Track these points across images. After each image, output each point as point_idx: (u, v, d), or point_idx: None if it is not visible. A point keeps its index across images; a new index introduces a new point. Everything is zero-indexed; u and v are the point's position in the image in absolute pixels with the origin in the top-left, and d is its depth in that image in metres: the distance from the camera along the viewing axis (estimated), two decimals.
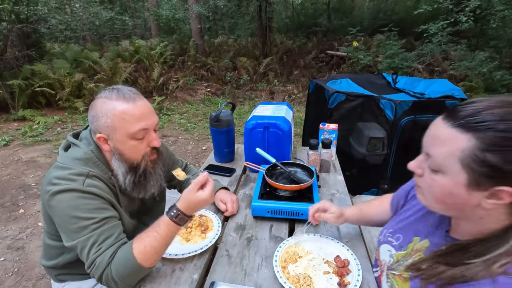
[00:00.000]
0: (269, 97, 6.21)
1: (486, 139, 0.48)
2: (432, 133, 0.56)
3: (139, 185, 0.95)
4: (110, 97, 0.86)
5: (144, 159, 0.92)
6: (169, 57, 7.27)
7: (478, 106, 0.51)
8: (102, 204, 0.86)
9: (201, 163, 3.34)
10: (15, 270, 2.02)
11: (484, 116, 0.49)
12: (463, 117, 0.51)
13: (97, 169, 0.89)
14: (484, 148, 0.49)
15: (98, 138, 0.88)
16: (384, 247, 0.81)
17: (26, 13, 5.27)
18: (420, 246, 0.70)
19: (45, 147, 4.01)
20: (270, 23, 7.87)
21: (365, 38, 7.55)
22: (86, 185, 0.84)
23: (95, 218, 0.83)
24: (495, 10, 4.58)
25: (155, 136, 0.91)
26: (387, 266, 0.79)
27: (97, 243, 0.82)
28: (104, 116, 0.85)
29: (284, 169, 1.27)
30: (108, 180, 0.92)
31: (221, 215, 1.18)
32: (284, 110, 1.56)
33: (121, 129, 0.85)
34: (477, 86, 4.64)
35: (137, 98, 0.88)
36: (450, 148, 0.52)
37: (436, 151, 0.55)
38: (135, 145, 0.88)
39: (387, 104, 2.22)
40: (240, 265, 0.93)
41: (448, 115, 0.54)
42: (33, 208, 2.70)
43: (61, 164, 0.88)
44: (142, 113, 0.87)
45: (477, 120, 0.50)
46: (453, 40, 5.52)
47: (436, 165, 0.55)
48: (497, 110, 0.49)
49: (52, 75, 5.18)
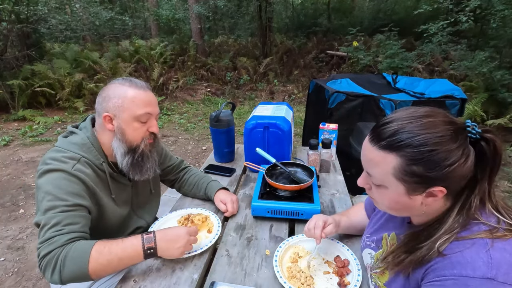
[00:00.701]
0: (269, 97, 6.21)
1: (408, 156, 0.57)
2: (366, 156, 0.64)
3: (136, 166, 1.01)
4: (124, 83, 0.97)
5: (143, 141, 1.00)
6: (169, 57, 7.27)
7: (393, 126, 0.59)
8: (82, 191, 0.90)
9: (201, 163, 3.34)
10: (15, 270, 2.02)
11: (400, 135, 0.57)
12: (385, 138, 0.59)
13: (90, 154, 0.96)
14: (409, 163, 0.57)
15: (104, 117, 0.95)
16: (365, 252, 0.85)
17: (26, 13, 5.27)
18: (392, 240, 0.75)
19: (45, 147, 4.01)
20: (270, 23, 7.86)
21: (365, 38, 7.54)
22: (75, 169, 0.90)
23: (68, 201, 0.86)
24: (495, 10, 4.57)
25: (155, 123, 1.02)
26: (369, 267, 0.82)
27: (60, 224, 0.83)
28: (115, 97, 0.95)
29: (284, 169, 1.27)
30: (99, 166, 0.98)
31: (221, 215, 1.18)
32: (284, 110, 1.55)
33: (129, 110, 0.95)
34: (477, 86, 4.63)
35: (147, 89, 1.00)
36: (383, 168, 0.60)
37: (374, 171, 0.63)
38: (138, 127, 0.97)
39: (387, 104, 2.22)
40: (240, 265, 0.93)
41: (372, 138, 0.62)
42: (33, 208, 2.70)
43: (58, 147, 0.95)
44: (150, 100, 0.99)
45: (396, 140, 0.57)
46: (453, 40, 5.51)
47: (377, 182, 0.64)
48: (409, 127, 0.57)
49: (52, 75, 5.18)
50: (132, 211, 1.13)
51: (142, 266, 0.92)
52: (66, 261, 0.79)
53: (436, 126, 0.56)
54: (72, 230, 0.84)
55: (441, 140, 0.55)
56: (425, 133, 0.56)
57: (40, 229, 0.83)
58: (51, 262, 0.79)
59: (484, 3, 4.80)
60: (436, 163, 0.55)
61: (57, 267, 0.79)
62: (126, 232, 1.11)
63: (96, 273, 0.82)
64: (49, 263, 0.80)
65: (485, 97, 4.31)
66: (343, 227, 1.00)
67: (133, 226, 1.13)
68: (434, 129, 0.56)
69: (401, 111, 0.62)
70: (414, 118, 0.58)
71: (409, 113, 0.59)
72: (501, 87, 4.22)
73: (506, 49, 4.84)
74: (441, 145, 0.55)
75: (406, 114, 0.59)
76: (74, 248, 0.81)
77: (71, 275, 0.80)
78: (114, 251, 0.83)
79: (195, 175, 1.33)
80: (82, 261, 0.80)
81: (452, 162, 0.55)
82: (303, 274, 0.86)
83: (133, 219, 1.14)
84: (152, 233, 0.88)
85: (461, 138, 0.56)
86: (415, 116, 0.58)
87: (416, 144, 0.56)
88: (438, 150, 0.55)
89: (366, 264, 0.85)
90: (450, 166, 0.55)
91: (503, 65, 4.46)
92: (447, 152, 0.55)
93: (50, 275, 0.79)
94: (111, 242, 0.85)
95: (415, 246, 0.63)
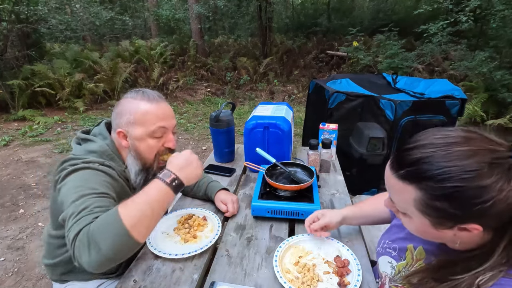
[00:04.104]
0: (269, 97, 6.21)
1: (429, 190, 0.50)
2: (387, 182, 0.58)
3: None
4: (136, 97, 0.93)
5: (157, 158, 0.96)
6: (169, 57, 7.27)
7: (416, 154, 0.51)
8: (109, 183, 0.86)
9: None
10: (15, 270, 2.02)
11: (422, 166, 0.50)
12: (405, 167, 0.52)
13: (111, 161, 0.93)
14: (431, 198, 0.50)
15: (118, 133, 0.93)
16: (383, 259, 0.81)
17: (26, 13, 5.27)
18: (419, 255, 0.69)
19: (45, 147, 4.01)
20: (270, 23, 7.86)
21: (365, 38, 7.55)
22: (102, 166, 0.87)
23: (98, 189, 0.80)
24: (495, 10, 4.58)
25: (172, 137, 0.97)
26: (388, 278, 0.78)
27: (89, 207, 0.74)
28: (127, 114, 0.91)
29: (284, 169, 1.27)
30: (122, 173, 0.95)
31: (221, 215, 1.18)
32: (284, 110, 1.56)
33: (142, 127, 0.91)
34: (477, 86, 4.63)
35: (160, 100, 0.95)
36: (404, 197, 0.54)
37: (395, 198, 0.58)
38: (152, 144, 0.93)
39: (387, 104, 2.22)
40: (240, 265, 0.93)
41: (393, 164, 0.55)
42: (33, 208, 2.70)
43: (74, 155, 0.90)
44: (163, 113, 0.93)
45: (416, 171, 0.51)
46: (453, 40, 5.52)
47: (401, 210, 0.58)
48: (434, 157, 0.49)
49: (52, 75, 5.18)
50: None
51: (142, 266, 0.92)
52: (99, 232, 0.67)
53: (468, 157, 0.47)
54: (101, 210, 0.74)
55: (469, 175, 0.46)
56: (450, 166, 0.47)
57: (68, 217, 0.73)
58: (83, 241, 0.67)
59: (484, 3, 4.80)
60: (464, 201, 0.47)
61: (91, 243, 0.66)
62: None
63: (136, 229, 0.68)
64: (81, 244, 0.67)
65: (485, 97, 4.32)
66: (350, 220, 0.98)
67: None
68: (464, 161, 0.47)
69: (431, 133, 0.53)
70: (442, 145, 0.50)
71: (438, 138, 0.51)
72: (501, 87, 4.22)
73: (506, 49, 4.85)
74: (470, 182, 0.46)
75: (434, 139, 0.51)
76: (100, 218, 0.70)
77: (111, 243, 0.66)
78: (139, 200, 0.73)
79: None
80: (115, 220, 0.68)
81: (486, 200, 0.46)
82: (308, 274, 0.86)
83: None
84: (164, 169, 0.81)
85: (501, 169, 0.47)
86: (443, 143, 0.50)
87: (438, 179, 0.48)
88: (465, 187, 0.46)
89: (383, 272, 0.80)
90: (484, 203, 0.46)
91: (503, 65, 4.46)
92: (478, 189, 0.46)
93: (88, 256, 0.66)
94: (131, 197, 0.74)
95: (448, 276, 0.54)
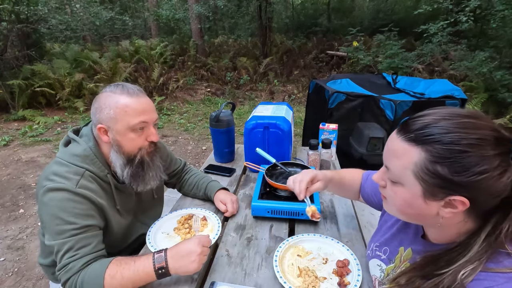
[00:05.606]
0: (269, 97, 6.21)
1: (434, 152, 0.51)
2: (389, 147, 0.59)
3: (137, 177, 0.96)
4: (115, 91, 0.91)
5: (141, 151, 0.95)
6: (169, 57, 7.27)
7: (426, 119, 0.53)
8: (88, 210, 0.88)
9: (201, 163, 3.34)
10: (15, 270, 2.02)
11: (431, 129, 0.51)
12: (413, 130, 0.53)
13: (94, 166, 0.92)
14: (434, 160, 0.51)
15: (98, 129, 0.91)
16: (373, 262, 0.81)
17: (26, 13, 5.27)
18: (406, 256, 0.70)
19: (45, 147, 4.01)
20: (270, 23, 7.87)
21: (365, 38, 7.55)
22: (79, 186, 0.87)
23: (77, 224, 0.84)
24: (495, 10, 4.58)
25: (154, 131, 0.96)
26: (378, 281, 0.78)
27: (73, 249, 0.83)
28: (107, 108, 0.89)
29: (284, 169, 1.27)
30: (104, 178, 0.94)
31: (221, 215, 1.18)
32: (284, 110, 1.56)
33: (122, 121, 0.89)
34: (477, 86, 4.63)
35: (140, 94, 0.93)
36: (404, 161, 0.55)
37: (393, 164, 0.57)
38: (134, 138, 0.92)
39: (387, 104, 2.22)
40: (240, 265, 0.93)
41: (401, 129, 0.56)
42: (33, 208, 2.70)
43: (60, 159, 0.91)
44: (144, 108, 0.92)
45: (426, 133, 0.52)
46: (453, 40, 5.52)
47: (394, 177, 0.58)
48: (444, 123, 0.51)
49: (52, 75, 5.18)
50: (135, 219, 1.10)
51: None
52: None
53: (477, 128, 0.50)
54: (85, 253, 0.84)
55: (477, 142, 0.48)
56: (460, 132, 0.49)
57: (55, 254, 0.85)
58: None
59: (484, 3, 4.81)
60: (465, 166, 0.48)
61: None
62: (129, 240, 1.10)
63: None
64: None
65: (485, 97, 4.32)
66: (333, 185, 0.99)
67: (137, 234, 1.11)
68: (472, 130, 0.49)
69: (441, 108, 0.55)
70: (453, 115, 0.52)
71: (449, 111, 0.53)
72: (501, 87, 4.22)
73: (506, 49, 4.85)
74: (476, 148, 0.48)
75: (445, 111, 0.53)
76: (89, 274, 0.82)
77: None
78: (126, 275, 0.81)
79: (195, 175, 1.33)
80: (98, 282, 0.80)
81: (483, 170, 0.48)
82: (311, 274, 0.86)
83: (136, 226, 1.11)
84: (163, 252, 0.84)
85: (502, 149, 0.49)
86: (454, 114, 0.52)
87: (447, 141, 0.49)
88: (470, 153, 0.48)
89: (373, 276, 0.81)
90: (480, 174, 0.48)
91: (503, 65, 4.46)
92: (480, 158, 0.48)
93: None
94: (123, 265, 0.82)
95: (433, 271, 0.55)
